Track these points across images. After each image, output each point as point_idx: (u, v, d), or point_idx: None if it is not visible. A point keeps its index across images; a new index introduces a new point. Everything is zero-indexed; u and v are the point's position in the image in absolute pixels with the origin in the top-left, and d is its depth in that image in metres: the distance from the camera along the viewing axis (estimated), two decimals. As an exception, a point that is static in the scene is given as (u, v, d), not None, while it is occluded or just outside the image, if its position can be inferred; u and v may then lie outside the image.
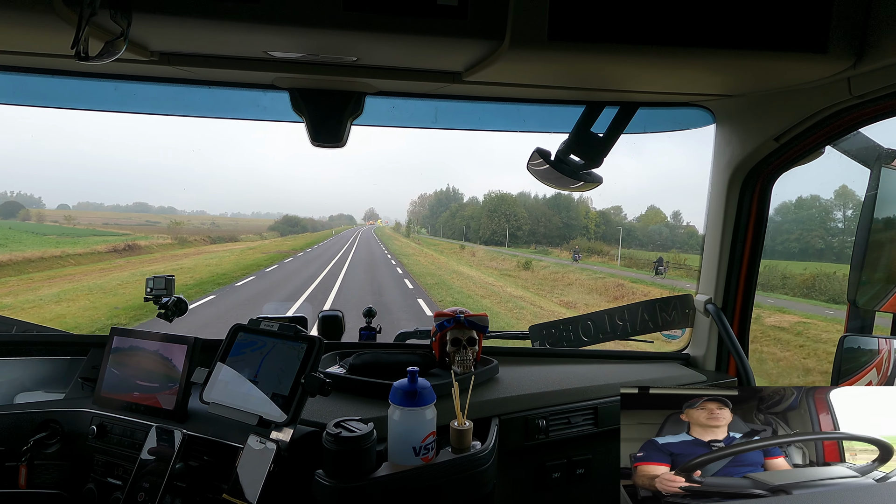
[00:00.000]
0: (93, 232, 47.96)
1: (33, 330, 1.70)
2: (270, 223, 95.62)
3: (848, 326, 1.55)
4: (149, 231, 53.14)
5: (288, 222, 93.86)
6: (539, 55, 0.96)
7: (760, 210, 1.55)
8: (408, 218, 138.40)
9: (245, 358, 1.19)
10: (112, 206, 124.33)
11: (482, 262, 38.35)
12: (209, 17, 0.87)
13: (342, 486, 1.00)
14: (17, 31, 0.93)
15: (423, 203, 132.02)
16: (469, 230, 79.14)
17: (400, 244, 56.17)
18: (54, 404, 1.34)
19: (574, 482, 1.45)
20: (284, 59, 1.12)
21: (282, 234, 74.40)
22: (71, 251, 28.78)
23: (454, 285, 20.68)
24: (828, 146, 1.37)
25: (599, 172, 1.49)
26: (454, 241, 71.79)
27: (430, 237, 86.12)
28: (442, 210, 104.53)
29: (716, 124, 1.54)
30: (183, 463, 1.14)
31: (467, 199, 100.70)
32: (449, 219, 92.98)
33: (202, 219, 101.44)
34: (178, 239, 43.81)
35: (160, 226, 66.25)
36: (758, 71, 1.07)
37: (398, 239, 72.76)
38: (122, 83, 1.37)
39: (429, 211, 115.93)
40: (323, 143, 1.37)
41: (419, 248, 49.92)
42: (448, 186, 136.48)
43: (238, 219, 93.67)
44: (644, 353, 1.81)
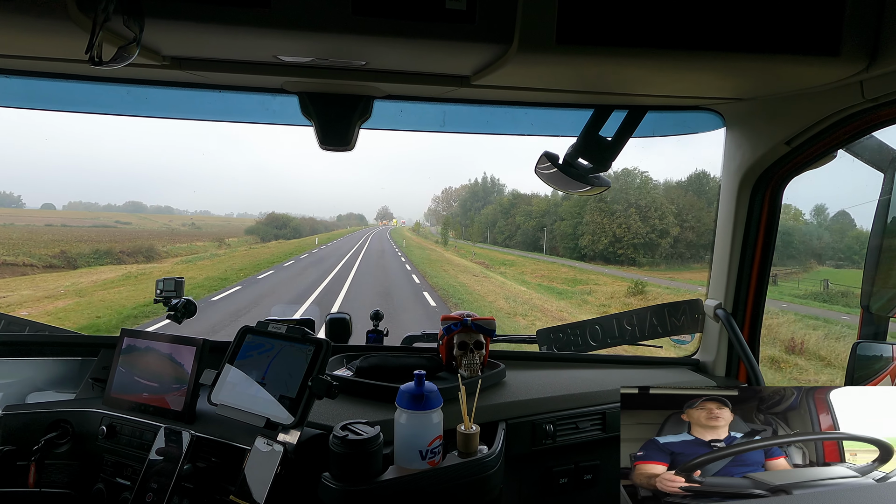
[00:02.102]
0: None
1: (45, 331, 1.72)
2: (251, 223, 72.38)
3: (861, 332, 1.53)
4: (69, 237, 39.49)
5: (274, 223, 68.47)
6: (547, 59, 0.96)
7: (771, 214, 1.53)
8: (441, 216, 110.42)
9: (253, 360, 1.20)
10: (105, 205, 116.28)
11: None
12: (220, 23, 0.88)
13: (349, 489, 1.00)
14: (33, 36, 0.94)
15: (447, 199, 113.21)
16: (532, 233, 56.31)
17: (437, 259, 34.50)
18: (65, 404, 1.35)
19: (581, 488, 1.44)
20: (294, 64, 1.13)
21: (263, 238, 57.26)
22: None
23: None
24: (840, 150, 1.36)
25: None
26: (529, 254, 48.72)
27: (475, 244, 60.50)
28: (477, 206, 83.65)
29: (726, 128, 1.53)
30: (191, 464, 1.15)
31: (509, 192, 76.79)
32: (498, 217, 66.06)
33: (183, 219, 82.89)
34: (53, 258, 28.05)
35: (111, 229, 55.61)
36: (769, 74, 1.06)
37: (428, 247, 51.03)
38: (135, 87, 1.39)
39: (458, 208, 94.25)
40: (331, 147, 1.38)
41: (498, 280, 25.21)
42: (485, 176, 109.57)
43: (230, 219, 76.23)
44: (653, 359, 1.80)
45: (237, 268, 25.08)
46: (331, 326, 1.83)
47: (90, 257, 31.07)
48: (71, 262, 28.98)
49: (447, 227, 64.62)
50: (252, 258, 31.31)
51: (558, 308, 18.89)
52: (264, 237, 59.10)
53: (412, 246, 50.43)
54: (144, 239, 42.49)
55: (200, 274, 22.67)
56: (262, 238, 57.73)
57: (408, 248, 46.93)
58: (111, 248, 33.95)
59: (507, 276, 28.71)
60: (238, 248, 44.42)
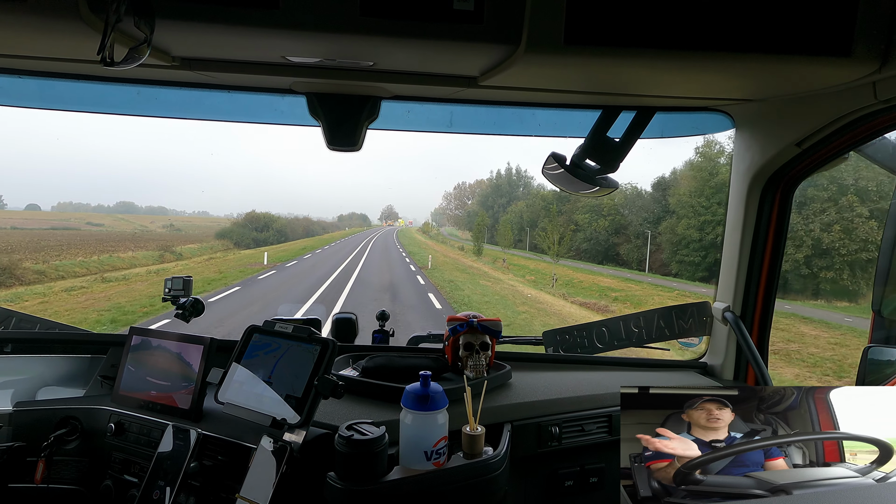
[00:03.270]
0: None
1: (55, 328, 1.74)
2: (228, 225, 54.98)
3: (873, 337, 1.51)
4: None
5: (253, 224, 53.27)
6: (555, 59, 0.96)
7: (781, 216, 1.52)
8: (452, 215, 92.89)
9: (260, 359, 1.20)
10: (96, 206, 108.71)
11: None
12: (229, 24, 0.89)
13: (353, 489, 1.01)
14: (46, 37, 0.95)
15: (460, 196, 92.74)
16: (605, 238, 38.09)
17: (505, 295, 19.86)
18: (74, 401, 1.37)
19: (587, 491, 1.43)
20: (302, 64, 1.13)
21: (238, 243, 45.03)
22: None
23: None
24: (851, 152, 1.34)
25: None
26: (623, 272, 32.59)
27: (506, 250, 41.53)
28: (501, 202, 66.35)
29: (735, 129, 1.52)
30: (197, 462, 1.16)
31: (537, 185, 59.71)
32: (538, 215, 45.24)
33: (163, 220, 70.08)
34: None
35: (72, 232, 44.30)
36: (780, 75, 1.05)
37: (461, 260, 35.28)
38: (145, 87, 1.40)
39: (477, 205, 73.07)
40: (339, 147, 1.38)
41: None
42: (509, 168, 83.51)
43: (229, 220, 63.32)
44: (660, 361, 1.78)
45: (146, 299, 16.12)
46: (337, 326, 1.84)
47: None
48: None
49: (480, 228, 43.43)
50: (204, 274, 22.45)
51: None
52: (239, 241, 45.73)
53: (437, 262, 31.35)
54: (80, 246, 32.82)
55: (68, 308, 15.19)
56: (237, 243, 44.77)
57: (432, 266, 28.49)
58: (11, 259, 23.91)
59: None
60: (195, 257, 34.04)
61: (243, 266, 26.71)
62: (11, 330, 1.71)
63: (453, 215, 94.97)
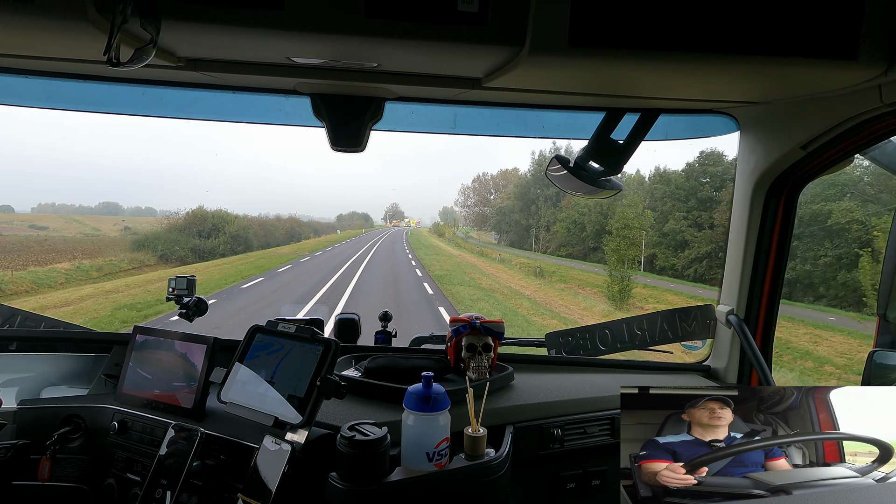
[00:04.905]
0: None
1: (60, 327, 1.75)
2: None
3: (878, 341, 1.50)
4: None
5: (197, 226, 36.43)
6: (559, 61, 0.96)
7: (786, 220, 1.51)
8: (470, 213, 72.64)
9: (262, 359, 1.21)
10: (78, 207, 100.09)
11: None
12: (235, 24, 0.89)
13: (355, 490, 1.01)
14: (53, 37, 0.96)
15: (481, 190, 72.51)
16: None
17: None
18: (78, 400, 1.37)
19: (589, 493, 1.42)
20: (306, 65, 1.14)
21: (163, 256, 30.97)
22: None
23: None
24: (857, 155, 1.33)
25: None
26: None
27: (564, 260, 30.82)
28: (548, 195, 45.69)
29: (740, 132, 1.51)
30: (200, 461, 1.16)
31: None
32: (627, 214, 23.75)
33: (115, 220, 55.60)
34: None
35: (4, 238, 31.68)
36: (785, 78, 1.05)
37: (533, 284, 21.61)
38: (150, 88, 1.41)
39: (515, 200, 52.47)
40: (343, 148, 1.39)
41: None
42: (554, 147, 35.12)
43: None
44: (663, 364, 1.78)
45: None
46: (339, 327, 1.84)
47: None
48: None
49: (623, 246, 21.75)
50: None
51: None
52: (169, 254, 31.53)
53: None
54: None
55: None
56: (164, 256, 31.09)
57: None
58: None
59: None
60: (77, 277, 22.49)
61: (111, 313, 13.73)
62: (16, 328, 1.72)
63: (472, 213, 74.48)
